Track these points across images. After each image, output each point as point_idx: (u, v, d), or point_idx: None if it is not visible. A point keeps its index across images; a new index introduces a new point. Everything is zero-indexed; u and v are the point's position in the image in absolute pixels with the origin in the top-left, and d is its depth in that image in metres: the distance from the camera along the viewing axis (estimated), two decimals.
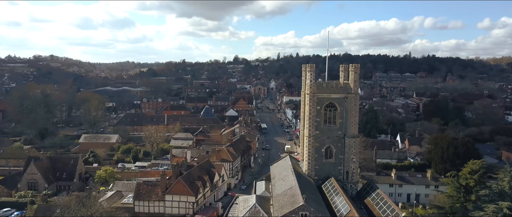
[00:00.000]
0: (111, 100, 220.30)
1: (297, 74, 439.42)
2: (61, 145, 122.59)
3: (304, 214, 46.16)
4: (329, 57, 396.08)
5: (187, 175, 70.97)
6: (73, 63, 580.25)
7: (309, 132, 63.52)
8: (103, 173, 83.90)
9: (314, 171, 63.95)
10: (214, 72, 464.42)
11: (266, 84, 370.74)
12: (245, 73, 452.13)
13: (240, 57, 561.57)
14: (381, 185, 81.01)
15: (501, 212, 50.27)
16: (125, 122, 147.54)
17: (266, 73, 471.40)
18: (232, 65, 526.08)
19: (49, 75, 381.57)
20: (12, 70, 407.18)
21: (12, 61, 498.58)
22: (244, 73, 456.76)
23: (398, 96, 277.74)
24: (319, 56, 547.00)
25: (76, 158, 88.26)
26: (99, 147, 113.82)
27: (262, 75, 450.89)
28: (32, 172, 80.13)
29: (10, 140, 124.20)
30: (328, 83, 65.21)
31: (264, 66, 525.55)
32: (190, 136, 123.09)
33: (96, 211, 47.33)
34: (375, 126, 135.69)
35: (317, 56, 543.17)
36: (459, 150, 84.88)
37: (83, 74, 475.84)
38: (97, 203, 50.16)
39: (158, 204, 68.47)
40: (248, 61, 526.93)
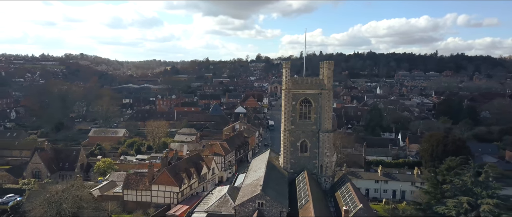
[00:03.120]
0: (128, 97, 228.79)
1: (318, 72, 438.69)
2: (73, 138, 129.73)
3: (260, 202, 48.67)
4: (353, 55, 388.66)
5: (173, 166, 74.74)
6: (102, 61, 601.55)
7: (284, 126, 65.72)
8: (102, 164, 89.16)
9: (290, 165, 66.05)
10: (236, 70, 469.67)
11: None
12: (265, 72, 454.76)
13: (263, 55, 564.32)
14: (367, 181, 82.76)
15: (461, 206, 50.88)
16: (136, 118, 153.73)
17: None
18: (254, 63, 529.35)
19: (77, 73, 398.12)
20: (44, 68, 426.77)
21: (45, 59, 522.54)
22: (265, 71, 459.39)
23: (417, 95, 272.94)
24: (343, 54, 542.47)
25: (78, 149, 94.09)
26: (107, 140, 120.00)
27: (279, 73, 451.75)
28: (36, 162, 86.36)
29: (27, 133, 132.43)
30: (303, 79, 67.21)
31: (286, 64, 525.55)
32: (194, 131, 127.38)
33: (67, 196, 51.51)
34: (378, 124, 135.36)
35: (340, 54, 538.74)
36: (448, 148, 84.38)
37: (110, 72, 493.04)
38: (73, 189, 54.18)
39: (145, 193, 72.54)
40: (270, 60, 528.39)
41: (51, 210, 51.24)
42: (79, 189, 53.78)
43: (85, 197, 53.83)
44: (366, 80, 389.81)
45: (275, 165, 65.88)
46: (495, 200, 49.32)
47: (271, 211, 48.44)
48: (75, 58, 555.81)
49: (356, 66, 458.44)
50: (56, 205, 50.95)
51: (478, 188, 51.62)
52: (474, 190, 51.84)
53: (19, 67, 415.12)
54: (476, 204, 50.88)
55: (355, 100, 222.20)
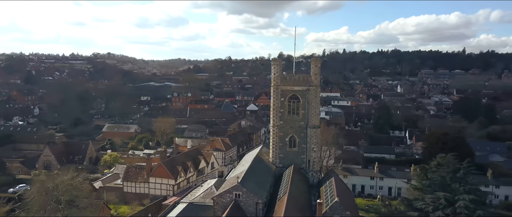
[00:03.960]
0: (148, 95, 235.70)
1: (340, 70, 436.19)
2: (89, 133, 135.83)
3: (237, 194, 50.65)
4: (376, 53, 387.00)
5: (170, 160, 78.01)
6: (128, 60, 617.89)
7: (273, 122, 67.37)
8: (108, 157, 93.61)
9: (279, 159, 67.61)
10: (256, 69, 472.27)
11: None
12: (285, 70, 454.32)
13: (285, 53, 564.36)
14: (363, 177, 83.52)
15: (438, 202, 51.25)
16: (150, 114, 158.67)
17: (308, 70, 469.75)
18: None
19: (103, 72, 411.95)
20: (72, 67, 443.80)
21: (74, 59, 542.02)
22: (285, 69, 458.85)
23: (438, 94, 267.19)
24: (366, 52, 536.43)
25: (87, 143, 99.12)
26: (119, 136, 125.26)
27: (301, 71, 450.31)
28: (47, 154, 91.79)
29: (47, 128, 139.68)
30: (291, 76, 68.59)
31: (307, 62, 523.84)
32: (203, 128, 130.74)
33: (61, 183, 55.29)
34: (387, 122, 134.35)
35: (363, 52, 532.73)
36: (448, 146, 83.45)
37: (135, 70, 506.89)
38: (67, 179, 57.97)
39: (143, 185, 76.16)
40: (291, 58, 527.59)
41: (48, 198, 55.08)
42: (73, 179, 57.31)
43: (78, 187, 57.36)
44: (388, 78, 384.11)
45: (263, 160, 67.71)
46: (471, 195, 49.44)
47: (247, 202, 50.32)
48: (103, 57, 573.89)
49: (379, 64, 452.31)
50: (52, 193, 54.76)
51: (456, 184, 51.77)
52: (452, 186, 52.01)
53: (49, 66, 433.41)
54: (454, 199, 51.12)
55: (371, 98, 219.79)
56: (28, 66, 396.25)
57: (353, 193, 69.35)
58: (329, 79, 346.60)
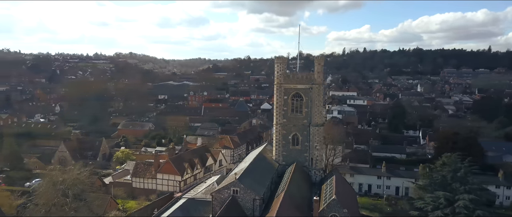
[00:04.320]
0: (167, 93, 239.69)
1: (359, 69, 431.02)
2: (105, 130, 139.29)
3: (235, 190, 51.48)
4: (398, 51, 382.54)
5: (177, 157, 79.63)
6: (149, 59, 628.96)
7: (276, 120, 67.90)
8: (120, 154, 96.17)
9: (282, 157, 68.05)
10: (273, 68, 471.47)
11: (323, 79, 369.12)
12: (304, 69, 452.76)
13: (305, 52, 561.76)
14: (369, 176, 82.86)
15: (437, 201, 50.69)
16: (166, 113, 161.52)
17: (327, 68, 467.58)
18: (294, 61, 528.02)
19: (124, 71, 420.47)
20: (95, 66, 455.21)
21: (97, 58, 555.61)
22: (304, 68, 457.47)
23: (459, 93, 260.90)
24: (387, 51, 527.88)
25: (101, 140, 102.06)
26: (134, 133, 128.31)
27: None
28: (62, 150, 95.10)
29: (66, 125, 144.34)
30: (294, 74, 69.06)
31: (327, 61, 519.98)
32: (215, 126, 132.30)
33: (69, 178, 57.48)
34: (401, 121, 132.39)
35: (384, 51, 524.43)
36: (458, 145, 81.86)
37: (156, 70, 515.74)
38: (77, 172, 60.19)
39: (151, 181, 78.05)
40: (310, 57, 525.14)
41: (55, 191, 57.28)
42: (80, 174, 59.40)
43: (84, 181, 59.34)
44: (408, 77, 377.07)
45: (266, 157, 68.28)
46: (471, 195, 48.66)
47: (245, 198, 51.08)
48: (125, 56, 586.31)
49: (400, 63, 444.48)
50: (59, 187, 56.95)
51: (456, 183, 51.02)
52: (453, 185, 51.29)
53: (73, 65, 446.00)
54: (454, 199, 50.41)
55: (388, 97, 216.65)
56: (53, 66, 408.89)
57: (355, 192, 68.99)
58: (347, 78, 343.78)
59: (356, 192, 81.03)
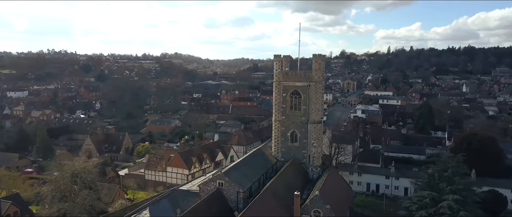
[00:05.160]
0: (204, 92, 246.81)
1: (403, 68, 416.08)
2: (137, 126, 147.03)
3: (220, 182, 53.55)
4: (446, 50, 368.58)
5: (186, 152, 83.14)
6: (194, 59, 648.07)
7: (275, 117, 69.11)
8: (140, 148, 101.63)
9: (281, 153, 69.10)
10: None
11: (363, 79, 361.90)
12: (345, 68, 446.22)
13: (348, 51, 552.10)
14: (377, 176, 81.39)
15: (423, 201, 49.71)
16: (195, 111, 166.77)
17: (370, 68, 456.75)
18: (336, 60, 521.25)
19: (168, 70, 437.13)
20: (141, 66, 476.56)
21: (145, 58, 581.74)
22: (345, 67, 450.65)
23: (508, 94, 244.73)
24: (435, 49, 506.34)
25: (124, 135, 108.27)
26: (161, 129, 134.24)
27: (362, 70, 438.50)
28: (88, 144, 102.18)
29: (103, 121, 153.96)
30: (293, 72, 69.60)
31: (370, 60, 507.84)
32: (238, 123, 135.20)
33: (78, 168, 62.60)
34: (428, 122, 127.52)
35: (431, 50, 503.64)
36: (473, 146, 78.45)
37: (199, 69, 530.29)
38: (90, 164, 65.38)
39: (161, 174, 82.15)
40: (350, 56, 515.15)
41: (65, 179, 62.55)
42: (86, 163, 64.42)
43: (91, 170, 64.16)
44: (455, 77, 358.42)
45: (265, 153, 69.65)
46: (456, 196, 47.22)
47: (229, 190, 52.98)
48: (170, 57, 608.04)
49: (448, 62, 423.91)
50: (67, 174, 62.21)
51: (443, 183, 49.66)
52: (440, 185, 49.97)
53: (121, 65, 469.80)
54: (440, 199, 49.12)
55: (424, 97, 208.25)
56: (103, 66, 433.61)
57: (352, 190, 68.40)
58: (388, 77, 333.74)
59: (363, 191, 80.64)
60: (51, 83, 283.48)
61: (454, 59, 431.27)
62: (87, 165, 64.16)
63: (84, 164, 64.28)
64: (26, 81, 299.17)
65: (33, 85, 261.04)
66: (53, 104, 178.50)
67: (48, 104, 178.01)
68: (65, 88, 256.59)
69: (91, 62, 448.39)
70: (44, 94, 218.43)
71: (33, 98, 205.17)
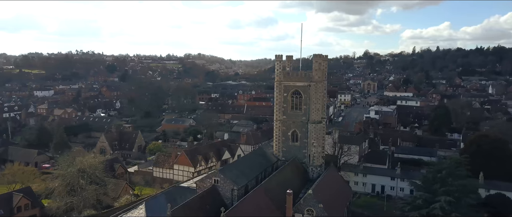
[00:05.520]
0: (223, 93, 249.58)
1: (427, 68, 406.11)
2: (153, 125, 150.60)
3: (216, 179, 54.79)
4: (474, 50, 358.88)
5: (193, 150, 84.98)
6: (216, 60, 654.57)
7: (276, 116, 69.84)
8: (152, 146, 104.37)
9: (281, 153, 69.73)
10: (337, 68, 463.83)
11: (385, 79, 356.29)
12: (368, 68, 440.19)
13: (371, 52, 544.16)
14: (382, 177, 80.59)
15: (415, 202, 49.40)
16: (211, 110, 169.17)
17: (394, 68, 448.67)
18: (359, 60, 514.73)
19: (190, 71, 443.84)
20: (164, 67, 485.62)
21: (168, 59, 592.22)
22: (367, 68, 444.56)
23: None
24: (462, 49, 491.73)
25: (137, 133, 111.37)
26: (175, 128, 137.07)
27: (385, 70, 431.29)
28: (102, 141, 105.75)
29: (121, 120, 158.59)
30: (293, 72, 70.10)
31: (394, 60, 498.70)
32: (250, 123, 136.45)
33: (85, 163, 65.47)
34: (444, 123, 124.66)
35: (458, 50, 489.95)
36: (483, 148, 76.61)
37: (221, 70, 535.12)
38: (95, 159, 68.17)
39: (168, 171, 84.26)
40: (372, 56, 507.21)
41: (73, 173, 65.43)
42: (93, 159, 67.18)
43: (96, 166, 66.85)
44: (481, 78, 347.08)
45: (266, 152, 70.51)
46: (449, 197, 46.67)
47: (225, 187, 54.12)
48: (193, 57, 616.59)
49: (475, 62, 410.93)
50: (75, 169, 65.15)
51: (437, 184, 49.13)
52: (434, 186, 49.46)
53: (145, 65, 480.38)
54: (433, 200, 48.64)
55: (445, 98, 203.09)
56: (127, 66, 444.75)
57: (351, 190, 68.33)
58: (410, 78, 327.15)
59: (368, 192, 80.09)
60: (77, 82, 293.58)
61: (481, 59, 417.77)
62: (93, 161, 66.82)
63: (90, 160, 67.01)
64: (53, 80, 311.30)
65: (59, 85, 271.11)
66: (75, 103, 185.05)
67: (71, 103, 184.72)
68: (88, 87, 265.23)
69: (117, 63, 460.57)
70: (68, 93, 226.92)
71: (58, 97, 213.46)
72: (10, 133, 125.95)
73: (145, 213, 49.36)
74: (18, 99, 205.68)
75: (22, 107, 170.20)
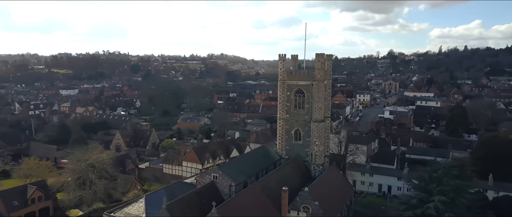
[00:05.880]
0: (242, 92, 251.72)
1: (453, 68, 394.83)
2: (170, 123, 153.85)
3: (215, 175, 56.12)
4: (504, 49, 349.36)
5: (201, 147, 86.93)
6: (238, 60, 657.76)
7: (279, 115, 70.58)
8: (165, 143, 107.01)
9: (285, 151, 70.40)
10: (360, 67, 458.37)
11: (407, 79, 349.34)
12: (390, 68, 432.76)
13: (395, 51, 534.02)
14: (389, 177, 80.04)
15: (409, 202, 49.17)
16: (226, 109, 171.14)
17: (418, 68, 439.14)
18: (382, 60, 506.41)
19: (212, 71, 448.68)
20: (187, 67, 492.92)
21: (192, 59, 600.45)
22: (391, 68, 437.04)
23: None
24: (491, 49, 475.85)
25: (151, 130, 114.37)
26: (190, 126, 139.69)
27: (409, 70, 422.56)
28: (118, 138, 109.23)
29: (140, 118, 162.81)
30: (297, 71, 70.57)
31: (419, 60, 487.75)
32: (264, 122, 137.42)
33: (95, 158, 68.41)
34: (461, 124, 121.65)
35: (487, 49, 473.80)
36: (493, 149, 74.92)
37: (243, 70, 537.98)
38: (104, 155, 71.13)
39: (177, 168, 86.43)
40: (396, 56, 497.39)
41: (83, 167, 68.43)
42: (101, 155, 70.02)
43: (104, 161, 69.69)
44: (511, 78, 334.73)
45: (269, 150, 71.37)
46: (443, 197, 46.24)
47: (223, 183, 55.35)
48: (216, 57, 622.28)
49: (504, 62, 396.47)
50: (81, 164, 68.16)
51: (433, 184, 48.70)
52: (429, 186, 49.05)
53: (169, 65, 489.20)
54: (428, 200, 48.28)
55: (467, 99, 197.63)
56: (151, 66, 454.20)
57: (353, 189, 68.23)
58: (434, 78, 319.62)
59: (374, 192, 79.67)
60: (101, 82, 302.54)
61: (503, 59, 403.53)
62: (102, 157, 69.57)
63: (99, 156, 69.82)
64: (79, 80, 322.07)
65: (84, 84, 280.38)
66: (97, 101, 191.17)
67: (93, 101, 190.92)
68: (111, 86, 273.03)
69: (141, 62, 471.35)
70: (91, 92, 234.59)
71: (81, 95, 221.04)
72: (33, 129, 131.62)
73: (144, 206, 51.35)
74: (44, 97, 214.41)
75: (47, 105, 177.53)
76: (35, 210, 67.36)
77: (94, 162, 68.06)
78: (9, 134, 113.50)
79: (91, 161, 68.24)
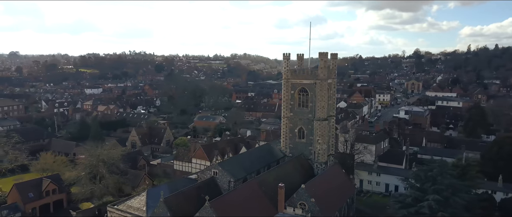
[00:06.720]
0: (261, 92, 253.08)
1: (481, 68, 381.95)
2: (187, 122, 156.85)
3: (215, 171, 57.68)
4: None
5: (210, 145, 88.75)
6: (261, 60, 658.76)
7: (283, 113, 71.31)
8: (178, 141, 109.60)
9: (289, 149, 71.12)
10: (384, 67, 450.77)
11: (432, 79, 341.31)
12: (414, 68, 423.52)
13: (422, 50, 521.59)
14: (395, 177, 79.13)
15: (404, 201, 49.10)
16: (243, 108, 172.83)
17: (445, 67, 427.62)
18: (408, 59, 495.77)
19: (234, 71, 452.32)
20: (210, 66, 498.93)
21: (215, 59, 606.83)
22: (414, 67, 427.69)
23: None
24: None
25: (165, 128, 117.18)
26: (206, 125, 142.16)
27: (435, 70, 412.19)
28: (133, 135, 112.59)
29: (158, 116, 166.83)
30: (300, 70, 71.14)
31: (446, 59, 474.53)
32: (278, 121, 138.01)
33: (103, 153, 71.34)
34: (480, 124, 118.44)
35: None
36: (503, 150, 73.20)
37: (265, 70, 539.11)
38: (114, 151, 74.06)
39: (187, 164, 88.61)
40: (422, 55, 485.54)
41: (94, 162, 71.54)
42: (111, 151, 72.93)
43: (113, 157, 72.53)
44: None
45: (273, 148, 72.29)
46: (437, 196, 45.95)
47: (222, 179, 56.86)
48: (239, 57, 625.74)
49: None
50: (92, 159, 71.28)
51: (428, 183, 48.42)
52: (425, 185, 48.79)
53: (192, 65, 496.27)
54: (423, 199, 48.05)
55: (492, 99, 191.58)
56: (174, 65, 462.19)
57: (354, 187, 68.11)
58: (460, 78, 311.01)
59: (381, 192, 79.25)
60: (125, 81, 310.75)
61: None
62: (112, 152, 72.45)
63: (110, 152, 72.75)
64: (105, 79, 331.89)
65: (108, 83, 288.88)
66: (119, 100, 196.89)
67: (115, 100, 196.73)
68: (134, 85, 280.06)
69: (165, 62, 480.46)
70: (114, 91, 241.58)
71: (104, 94, 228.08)
72: (56, 126, 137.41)
73: (146, 199, 53.48)
74: (69, 96, 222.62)
75: (71, 103, 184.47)
76: (49, 202, 70.90)
77: (104, 157, 70.89)
78: (32, 130, 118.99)
79: (102, 156, 71.10)
